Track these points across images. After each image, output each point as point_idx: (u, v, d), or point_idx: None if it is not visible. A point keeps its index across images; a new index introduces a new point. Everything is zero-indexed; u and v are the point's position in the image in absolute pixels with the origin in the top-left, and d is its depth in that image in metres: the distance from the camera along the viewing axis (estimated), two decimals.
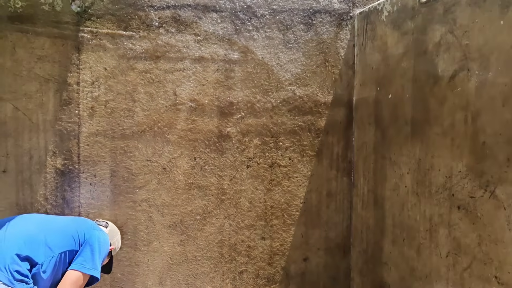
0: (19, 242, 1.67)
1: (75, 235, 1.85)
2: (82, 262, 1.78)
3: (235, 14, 2.45)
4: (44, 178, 2.30)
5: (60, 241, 1.79)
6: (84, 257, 1.79)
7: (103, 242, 1.91)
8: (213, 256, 2.50)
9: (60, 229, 1.84)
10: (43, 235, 1.75)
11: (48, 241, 1.74)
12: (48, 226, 1.81)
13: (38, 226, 1.80)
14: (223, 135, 2.46)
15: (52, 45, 2.30)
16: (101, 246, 1.87)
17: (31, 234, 1.72)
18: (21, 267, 1.60)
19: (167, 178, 2.44)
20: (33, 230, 1.74)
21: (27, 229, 1.73)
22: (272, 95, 2.49)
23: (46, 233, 1.77)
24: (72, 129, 2.31)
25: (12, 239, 1.66)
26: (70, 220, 1.96)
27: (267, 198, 2.51)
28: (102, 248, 1.88)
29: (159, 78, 2.40)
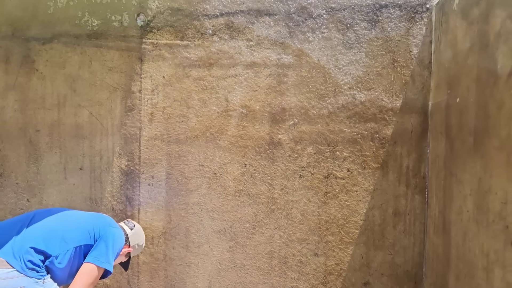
0: (37, 235, 1.74)
1: (91, 230, 1.88)
2: (96, 255, 1.84)
3: (289, 16, 2.11)
4: (111, 177, 2.29)
5: (76, 235, 1.83)
6: (98, 251, 1.84)
7: (117, 239, 1.94)
8: (262, 266, 2.20)
9: (78, 224, 1.88)
10: (61, 229, 1.81)
11: (65, 236, 1.80)
12: (67, 222, 1.88)
13: (58, 221, 1.86)
14: (275, 142, 2.14)
15: (120, 57, 2.24)
16: (115, 242, 1.91)
17: (50, 228, 1.80)
18: (34, 258, 1.68)
19: (217, 184, 2.20)
20: (52, 225, 1.82)
21: (47, 224, 1.82)
22: (329, 100, 2.10)
23: (64, 228, 1.83)
24: (134, 133, 2.26)
25: (31, 232, 1.75)
26: (89, 216, 1.97)
27: (322, 212, 2.13)
28: (116, 244, 1.91)
29: (211, 85, 2.18)
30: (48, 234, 1.78)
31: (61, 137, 2.31)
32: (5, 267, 1.63)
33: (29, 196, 2.36)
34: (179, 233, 2.24)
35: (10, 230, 1.77)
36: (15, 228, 1.78)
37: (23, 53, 2.32)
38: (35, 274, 1.66)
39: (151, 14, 2.20)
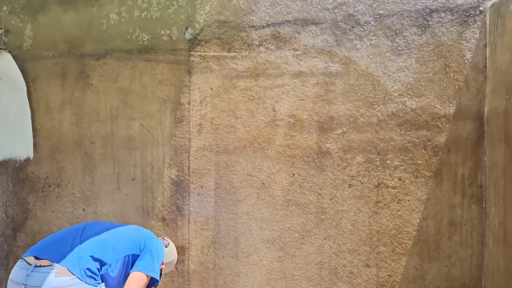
0: (93, 245, 1.83)
1: (136, 241, 1.97)
2: (143, 264, 1.91)
3: (336, 25, 2.11)
4: (162, 187, 2.35)
5: (125, 245, 1.92)
6: (145, 260, 1.91)
7: (160, 249, 2.03)
8: (312, 277, 2.18)
9: (125, 235, 1.98)
10: (111, 240, 1.91)
11: (115, 245, 1.89)
12: (115, 233, 1.99)
13: (108, 232, 1.97)
14: (323, 151, 2.14)
15: (169, 70, 2.31)
16: (158, 252, 1.99)
17: (102, 239, 1.90)
18: (91, 266, 1.76)
19: (266, 193, 2.22)
20: (103, 236, 1.93)
21: (99, 235, 1.93)
22: (378, 108, 2.07)
23: (114, 238, 1.93)
24: (184, 143, 2.31)
25: (86, 242, 1.85)
26: (132, 228, 2.07)
27: (373, 222, 2.10)
28: (160, 254, 1.99)
29: (259, 95, 2.21)
30: (101, 244, 1.88)
31: (114, 149, 2.40)
32: (67, 275, 1.71)
33: (84, 205, 2.48)
34: (228, 242, 2.27)
35: (66, 240, 1.86)
36: (70, 239, 1.87)
37: (79, 69, 2.45)
38: (93, 281, 1.75)
39: (199, 27, 2.26)
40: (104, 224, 2.08)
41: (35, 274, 1.70)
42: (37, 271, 1.71)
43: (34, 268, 1.72)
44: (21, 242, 2.57)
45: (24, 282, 1.71)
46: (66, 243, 1.84)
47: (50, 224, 2.52)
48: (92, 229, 1.96)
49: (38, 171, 2.56)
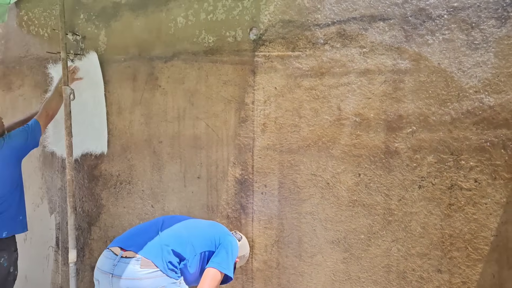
0: (173, 240, 1.93)
1: (212, 238, 2.04)
2: (219, 261, 1.97)
3: (405, 20, 2.04)
4: (226, 185, 2.42)
5: (202, 242, 2.01)
6: (220, 258, 1.98)
7: (235, 247, 2.09)
8: (379, 280, 2.14)
9: (202, 232, 2.07)
10: (190, 236, 2.00)
11: (193, 242, 1.97)
12: (194, 229, 2.08)
13: (186, 228, 2.06)
14: (391, 151, 2.08)
15: (234, 70, 2.37)
16: (233, 250, 2.05)
17: (181, 234, 1.99)
18: (173, 260, 1.86)
19: (330, 193, 2.20)
20: (182, 231, 2.02)
21: (178, 230, 2.02)
22: (452, 105, 1.98)
23: (192, 234, 2.01)
24: (248, 143, 2.36)
25: (166, 236, 1.94)
26: (209, 224, 2.15)
27: (445, 225, 2.01)
28: (234, 251, 2.05)
29: (323, 94, 2.19)
30: (180, 239, 1.98)
31: (181, 148, 2.50)
32: (151, 267, 1.82)
33: (153, 202, 2.60)
34: (292, 242, 2.28)
35: (148, 233, 1.98)
36: (152, 232, 1.99)
37: (148, 71, 2.58)
38: (173, 274, 1.85)
39: (263, 27, 2.30)
40: (181, 218, 2.17)
41: (121, 264, 1.83)
42: (123, 261, 1.83)
43: (120, 259, 1.84)
44: (95, 235, 2.76)
45: (111, 271, 1.83)
46: (148, 236, 1.96)
47: (122, 219, 2.67)
48: (171, 223, 2.06)
49: (110, 169, 2.72)
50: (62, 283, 2.91)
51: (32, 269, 3.00)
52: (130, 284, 1.79)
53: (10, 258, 2.48)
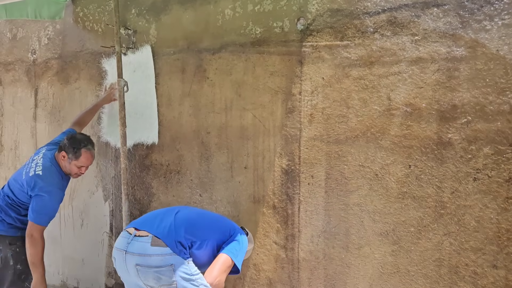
0: (186, 224, 2.05)
1: (226, 229, 2.15)
2: (231, 250, 2.07)
3: (461, 5, 1.97)
4: (273, 176, 2.43)
5: (214, 230, 2.12)
6: (232, 247, 2.09)
7: (246, 243, 2.20)
8: (429, 274, 2.10)
9: (217, 222, 2.20)
10: (203, 223, 2.13)
11: (205, 227, 2.10)
12: (207, 218, 2.21)
13: (200, 215, 2.20)
14: (444, 142, 2.03)
15: (281, 61, 2.37)
16: (244, 244, 2.16)
17: (195, 219, 2.13)
18: (183, 241, 1.98)
19: (379, 185, 2.17)
20: (196, 218, 2.15)
21: (192, 217, 2.15)
22: (511, 94, 1.91)
23: (205, 221, 2.15)
24: (295, 133, 2.37)
25: (180, 220, 2.06)
26: (223, 218, 2.27)
27: (502, 219, 1.95)
28: (244, 247, 2.15)
29: (373, 84, 2.16)
30: (193, 223, 2.11)
31: (228, 138, 2.57)
32: (161, 245, 1.97)
33: (201, 191, 2.70)
34: (339, 233, 2.30)
35: (162, 217, 2.12)
36: (166, 216, 2.12)
37: (196, 64, 2.66)
38: (182, 254, 1.97)
39: (311, 17, 2.30)
40: (197, 209, 2.37)
41: (134, 242, 1.99)
42: (136, 240, 2.00)
43: (133, 238, 2.01)
44: None
45: (125, 248, 2.00)
46: (162, 219, 2.10)
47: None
48: (186, 211, 2.21)
49: (160, 159, 2.84)
50: None
51: (88, 253, 3.21)
52: (140, 260, 1.94)
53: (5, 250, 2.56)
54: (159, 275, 1.92)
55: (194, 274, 1.97)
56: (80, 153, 2.56)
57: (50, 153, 2.60)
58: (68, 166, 2.56)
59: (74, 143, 2.56)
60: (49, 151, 2.61)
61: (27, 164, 2.60)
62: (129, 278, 2.04)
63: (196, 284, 1.94)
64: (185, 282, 1.93)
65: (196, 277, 1.97)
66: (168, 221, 2.08)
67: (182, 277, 1.94)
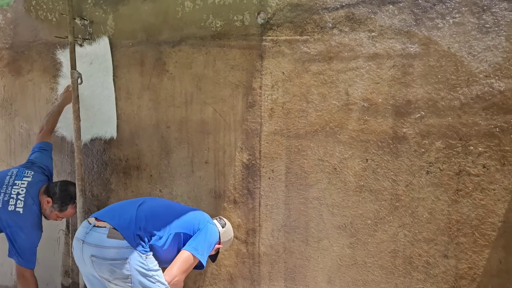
0: (147, 216, 2.01)
1: (191, 222, 2.08)
2: (195, 246, 2.02)
3: (415, 3, 2.03)
4: (234, 170, 2.44)
5: (179, 223, 2.05)
6: (197, 242, 2.02)
7: (214, 235, 2.13)
8: (385, 265, 2.17)
9: (181, 214, 2.11)
10: (167, 215, 2.06)
11: (169, 221, 2.03)
12: (173, 210, 2.13)
13: (165, 208, 2.14)
14: (399, 136, 2.09)
15: (242, 55, 2.37)
16: (211, 238, 2.10)
17: (157, 212, 2.07)
18: (142, 234, 1.93)
19: (337, 179, 2.21)
20: (160, 210, 2.09)
21: (156, 209, 2.10)
22: (461, 90, 1.97)
23: (170, 214, 2.08)
24: (255, 128, 2.37)
25: (142, 213, 2.02)
26: (191, 209, 2.18)
27: (452, 211, 2.03)
28: (212, 240, 2.08)
29: (331, 79, 2.18)
30: (155, 216, 2.06)
31: (189, 133, 2.55)
32: (118, 238, 1.93)
33: (161, 187, 2.66)
34: (299, 227, 2.33)
35: (124, 209, 2.09)
36: (129, 208, 2.09)
37: (156, 56, 2.61)
38: (140, 248, 1.93)
39: (271, 11, 2.31)
40: (163, 201, 2.29)
41: (92, 233, 1.96)
42: (94, 230, 1.96)
43: (92, 228, 1.97)
44: None
45: (83, 238, 1.97)
46: (124, 211, 2.06)
47: None
48: (151, 203, 2.16)
49: (119, 154, 2.79)
50: (72, 265, 3.01)
51: (44, 252, 3.09)
52: (95, 251, 1.91)
53: None
54: (113, 267, 1.89)
55: (151, 270, 1.93)
56: (67, 208, 2.55)
57: (33, 189, 2.49)
58: (48, 212, 2.51)
59: (65, 197, 2.53)
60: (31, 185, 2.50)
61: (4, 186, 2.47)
62: (85, 268, 1.99)
63: (153, 280, 1.91)
64: (141, 277, 1.90)
65: (153, 273, 1.93)
66: (129, 213, 2.04)
67: (139, 272, 1.90)
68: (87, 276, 2.03)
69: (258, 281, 2.46)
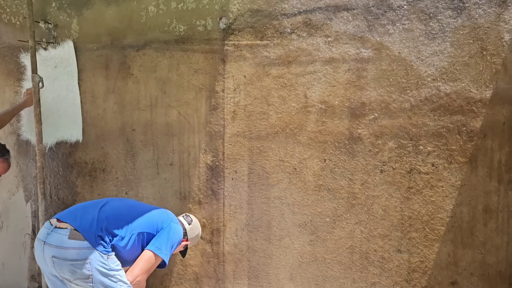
0: (109, 217, 2.00)
1: (154, 222, 2.08)
2: (157, 245, 2.03)
3: (368, 10, 2.12)
4: (198, 172, 2.47)
5: (141, 223, 2.05)
6: (159, 242, 2.03)
7: (177, 234, 2.12)
8: (343, 261, 2.24)
9: (144, 213, 2.11)
10: (129, 215, 2.05)
11: (131, 221, 2.03)
12: (135, 210, 2.12)
13: (127, 208, 2.13)
14: (354, 137, 2.17)
15: (204, 59, 2.41)
16: (174, 237, 2.10)
17: (120, 213, 2.06)
18: (103, 235, 1.93)
19: (297, 178, 2.28)
20: (122, 211, 2.09)
21: (118, 209, 2.09)
22: (411, 93, 2.08)
23: (132, 215, 2.07)
24: (218, 130, 2.42)
25: (104, 214, 2.01)
26: (155, 209, 2.18)
27: (404, 208, 2.13)
28: (175, 239, 2.08)
29: (291, 82, 2.26)
30: (117, 216, 2.06)
31: (154, 135, 2.58)
32: (79, 238, 1.93)
33: (127, 189, 2.68)
34: (261, 225, 2.39)
35: (87, 210, 2.08)
36: (91, 209, 2.08)
37: (120, 60, 2.63)
38: (101, 248, 1.93)
39: (233, 17, 2.37)
40: (127, 201, 2.27)
41: (53, 234, 1.96)
42: (55, 231, 1.96)
43: (53, 229, 1.97)
44: None
45: (44, 239, 1.96)
46: (86, 212, 2.05)
47: None
48: (114, 204, 2.15)
49: (85, 157, 2.79)
50: (39, 270, 2.99)
51: (9, 257, 3.06)
52: (57, 252, 1.91)
53: None
54: (74, 268, 1.89)
55: (113, 269, 1.94)
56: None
57: None
58: None
59: None
60: None
61: None
62: (47, 268, 1.99)
63: (114, 280, 1.92)
64: (102, 277, 1.91)
65: (115, 272, 1.94)
66: (91, 214, 2.04)
67: (100, 272, 1.90)
68: (49, 277, 2.03)
69: (223, 279, 2.51)
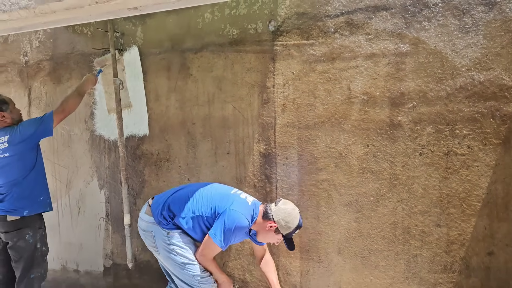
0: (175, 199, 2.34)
1: (214, 207, 2.27)
2: (214, 232, 2.21)
3: (405, 9, 2.30)
4: (252, 159, 2.74)
5: (200, 206, 2.29)
6: (215, 227, 2.22)
7: (231, 219, 2.21)
8: (387, 235, 2.43)
9: (206, 199, 2.31)
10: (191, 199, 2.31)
11: (191, 203, 2.30)
12: (199, 195, 2.33)
13: (192, 193, 2.35)
14: (395, 124, 2.36)
15: (256, 59, 2.67)
16: (227, 222, 2.20)
17: (186, 195, 2.33)
18: (165, 214, 2.29)
19: (343, 162, 2.50)
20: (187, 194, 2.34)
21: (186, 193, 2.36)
22: (447, 82, 2.24)
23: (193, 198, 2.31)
24: (270, 121, 2.67)
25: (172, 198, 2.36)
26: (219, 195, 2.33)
27: (443, 186, 2.29)
28: (228, 224, 2.20)
29: (335, 76, 2.47)
30: (181, 199, 2.39)
31: (212, 128, 2.87)
32: (149, 215, 2.42)
33: (189, 176, 2.99)
34: (311, 205, 2.63)
35: (168, 192, 2.51)
36: (171, 191, 2.49)
37: (180, 62, 2.93)
38: (162, 224, 2.34)
39: (281, 20, 2.61)
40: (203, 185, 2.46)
41: (143, 209, 2.50)
42: (145, 206, 2.50)
43: (146, 205, 2.50)
44: (140, 206, 3.18)
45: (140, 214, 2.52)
46: (167, 194, 2.48)
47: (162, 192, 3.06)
48: (190, 188, 2.47)
49: (151, 148, 3.12)
50: (112, 249, 3.36)
51: (86, 238, 3.46)
52: (139, 222, 2.46)
53: (35, 235, 2.69)
54: (145, 237, 2.40)
55: (173, 244, 2.32)
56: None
57: None
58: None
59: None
60: None
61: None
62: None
63: (174, 253, 2.31)
64: (163, 250, 2.34)
65: (175, 247, 2.31)
66: (167, 195, 2.45)
67: (162, 244, 2.34)
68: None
69: (277, 254, 2.78)
